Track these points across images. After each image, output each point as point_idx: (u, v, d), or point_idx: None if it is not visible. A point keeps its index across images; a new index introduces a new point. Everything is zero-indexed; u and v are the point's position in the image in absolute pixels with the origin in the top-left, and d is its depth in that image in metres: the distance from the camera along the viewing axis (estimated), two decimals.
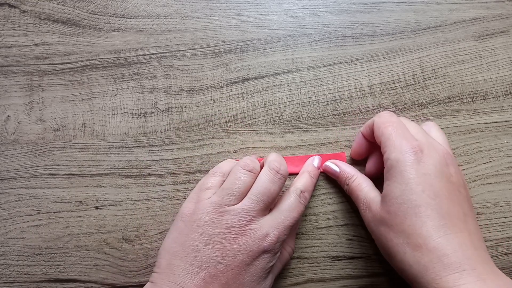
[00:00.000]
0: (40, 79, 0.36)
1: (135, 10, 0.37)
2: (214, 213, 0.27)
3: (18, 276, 0.33)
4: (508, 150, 0.34)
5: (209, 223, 0.26)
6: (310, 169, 0.32)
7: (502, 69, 0.36)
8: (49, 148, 0.35)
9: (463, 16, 0.36)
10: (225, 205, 0.27)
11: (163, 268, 0.26)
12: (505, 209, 0.33)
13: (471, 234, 0.25)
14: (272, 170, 0.28)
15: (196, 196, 0.28)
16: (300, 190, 0.30)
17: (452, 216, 0.25)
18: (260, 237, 0.26)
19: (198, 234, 0.26)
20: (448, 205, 0.25)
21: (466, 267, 0.23)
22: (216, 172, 0.30)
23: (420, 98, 0.35)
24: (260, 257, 0.26)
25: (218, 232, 0.26)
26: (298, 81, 0.36)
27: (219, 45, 0.36)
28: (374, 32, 0.36)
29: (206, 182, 0.29)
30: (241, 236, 0.26)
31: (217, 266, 0.25)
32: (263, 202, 0.27)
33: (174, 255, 0.26)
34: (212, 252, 0.26)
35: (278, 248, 0.28)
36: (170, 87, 0.36)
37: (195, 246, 0.26)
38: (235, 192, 0.27)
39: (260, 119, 0.35)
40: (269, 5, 0.37)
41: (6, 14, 0.37)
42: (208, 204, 0.27)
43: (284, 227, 0.28)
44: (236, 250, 0.26)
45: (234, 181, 0.28)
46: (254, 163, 0.29)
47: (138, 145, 0.35)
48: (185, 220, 0.27)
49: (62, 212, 0.34)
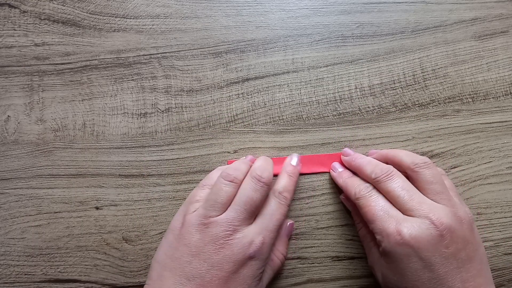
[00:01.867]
0: (40, 79, 0.36)
1: (135, 10, 0.37)
2: (200, 225, 0.27)
3: (18, 276, 0.33)
4: (508, 150, 0.34)
5: (196, 235, 0.27)
6: (288, 169, 0.32)
7: (502, 69, 0.36)
8: (49, 149, 0.35)
9: (463, 16, 0.36)
10: (209, 217, 0.27)
11: (154, 279, 0.27)
12: (505, 209, 0.33)
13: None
14: (254, 179, 0.28)
15: (185, 209, 0.29)
16: (278, 192, 0.30)
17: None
18: (245, 245, 0.27)
19: (185, 246, 0.27)
20: (446, 278, 0.25)
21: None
22: (205, 185, 0.30)
23: (420, 98, 0.35)
24: (247, 265, 0.27)
25: (204, 244, 0.27)
26: (298, 81, 0.36)
27: (219, 45, 0.36)
28: (374, 32, 0.36)
29: (195, 195, 0.30)
30: (226, 246, 0.26)
31: (204, 276, 0.26)
32: (247, 211, 0.28)
33: (164, 267, 0.27)
34: (199, 263, 0.26)
35: (266, 254, 0.28)
36: (170, 87, 0.36)
37: (182, 258, 0.27)
38: (218, 203, 0.28)
39: (260, 119, 0.35)
40: (269, 5, 0.37)
41: (6, 14, 0.37)
42: (195, 216, 0.28)
43: (269, 231, 0.28)
44: (222, 260, 0.26)
45: (217, 192, 0.28)
46: (236, 172, 0.29)
47: (138, 145, 0.35)
48: (175, 233, 0.28)
49: (62, 213, 0.34)
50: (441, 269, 0.25)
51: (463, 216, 0.26)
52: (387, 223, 0.26)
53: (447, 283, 0.24)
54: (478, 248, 0.27)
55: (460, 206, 0.27)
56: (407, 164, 0.29)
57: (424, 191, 0.28)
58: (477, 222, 0.33)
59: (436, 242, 0.25)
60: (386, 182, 0.28)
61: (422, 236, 0.25)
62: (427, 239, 0.25)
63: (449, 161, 0.34)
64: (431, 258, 0.25)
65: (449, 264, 0.25)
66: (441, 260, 0.25)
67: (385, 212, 0.27)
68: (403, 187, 0.27)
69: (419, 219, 0.25)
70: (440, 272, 0.25)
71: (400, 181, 0.28)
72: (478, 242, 0.27)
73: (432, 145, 0.34)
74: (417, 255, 0.25)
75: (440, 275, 0.25)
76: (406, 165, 0.29)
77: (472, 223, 0.27)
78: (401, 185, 0.27)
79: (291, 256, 0.33)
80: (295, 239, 0.33)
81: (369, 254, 0.30)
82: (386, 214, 0.26)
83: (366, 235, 0.30)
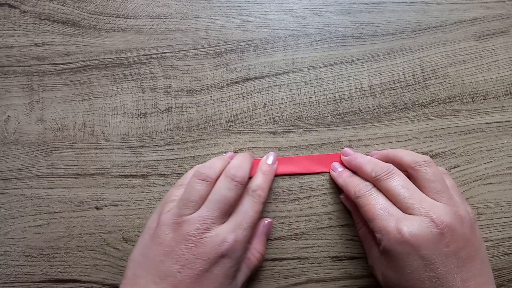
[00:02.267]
0: (40, 79, 0.36)
1: (135, 10, 0.37)
2: (173, 224, 0.27)
3: (18, 276, 0.33)
4: (508, 150, 0.34)
5: (169, 234, 0.27)
6: (263, 168, 0.32)
7: (502, 69, 0.36)
8: (49, 149, 0.35)
9: (463, 16, 0.36)
10: (182, 215, 0.27)
11: (128, 278, 0.27)
12: (505, 209, 0.33)
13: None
14: (228, 178, 0.29)
15: (160, 209, 0.29)
16: (252, 190, 0.30)
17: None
18: (217, 243, 0.27)
19: (159, 245, 0.27)
20: (447, 278, 0.25)
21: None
22: (180, 185, 0.30)
23: (420, 98, 0.35)
24: (219, 263, 0.27)
25: (176, 242, 0.27)
26: (298, 81, 0.36)
27: (219, 45, 0.36)
28: (374, 32, 0.36)
29: (171, 194, 0.30)
30: (198, 244, 0.27)
31: (177, 275, 0.26)
32: (220, 209, 0.28)
33: (139, 266, 0.27)
34: (171, 262, 0.26)
35: (239, 252, 0.28)
36: (170, 87, 0.36)
37: (156, 257, 0.27)
38: (191, 202, 0.28)
39: (260, 119, 0.35)
40: (269, 5, 0.37)
41: (6, 14, 0.37)
42: (169, 216, 0.28)
43: (242, 229, 0.28)
44: (194, 258, 0.26)
45: (189, 191, 0.28)
46: (209, 171, 0.29)
47: (138, 145, 0.35)
48: (150, 233, 0.28)
49: (62, 213, 0.34)
50: (441, 268, 0.25)
51: (464, 215, 0.26)
52: (387, 221, 0.26)
53: (447, 282, 0.24)
54: (479, 247, 0.26)
55: (461, 205, 0.27)
56: (407, 162, 0.29)
57: (424, 190, 0.28)
58: (477, 222, 0.33)
59: (436, 240, 0.25)
60: (386, 181, 0.28)
61: (422, 234, 0.25)
62: (427, 237, 0.25)
63: (449, 161, 0.34)
64: (431, 256, 0.25)
65: (449, 263, 0.25)
66: (441, 259, 0.25)
67: (385, 211, 0.27)
68: (403, 186, 0.27)
69: (419, 218, 0.25)
70: (441, 271, 0.25)
71: (400, 180, 0.28)
72: (480, 242, 0.27)
73: (432, 145, 0.34)
74: (417, 254, 0.25)
75: (441, 274, 0.24)
76: (406, 163, 0.29)
77: (474, 222, 0.27)
78: (401, 183, 0.27)
79: (291, 256, 0.33)
80: (295, 239, 0.33)
81: (369, 253, 0.30)
82: (386, 213, 0.26)
83: (366, 235, 0.30)
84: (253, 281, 0.33)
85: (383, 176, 0.28)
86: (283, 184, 0.34)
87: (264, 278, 0.33)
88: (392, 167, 0.28)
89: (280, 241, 0.33)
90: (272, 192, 0.34)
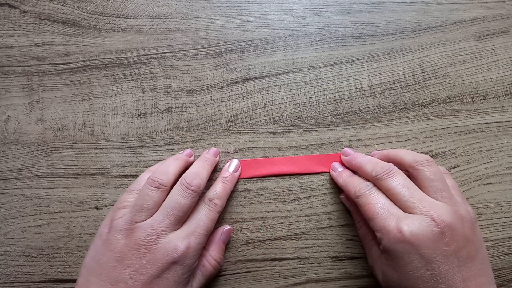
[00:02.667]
0: (40, 79, 0.36)
1: (135, 10, 0.37)
2: (126, 230, 0.27)
3: (18, 276, 0.33)
4: (508, 150, 0.34)
5: (122, 240, 0.27)
6: (223, 176, 0.32)
7: (502, 69, 0.36)
8: (49, 149, 0.35)
9: (463, 16, 0.36)
10: (135, 222, 0.27)
11: (80, 285, 0.27)
12: (505, 209, 0.33)
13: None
14: (183, 186, 0.29)
15: (113, 215, 0.29)
16: (208, 198, 0.30)
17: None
18: (168, 250, 0.27)
19: (111, 251, 0.27)
20: (447, 277, 0.25)
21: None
22: (133, 190, 0.30)
23: (420, 98, 0.35)
24: (170, 269, 0.27)
25: (128, 249, 0.27)
26: (298, 81, 0.36)
27: (219, 45, 0.36)
28: (374, 32, 0.36)
29: (123, 200, 0.30)
30: (149, 250, 0.27)
31: (128, 281, 0.26)
32: (173, 216, 0.28)
33: (91, 272, 0.27)
34: (122, 268, 0.26)
35: (191, 259, 0.28)
36: (170, 88, 0.36)
37: (108, 263, 0.27)
38: (144, 208, 0.28)
39: (260, 119, 0.35)
40: (269, 5, 0.37)
41: (6, 14, 0.37)
42: (121, 222, 0.28)
43: (195, 236, 0.28)
44: (145, 265, 0.26)
45: (142, 197, 0.28)
46: (162, 177, 0.29)
47: (138, 145, 0.35)
48: (102, 239, 0.28)
49: (62, 213, 0.34)
50: (442, 267, 0.25)
51: (464, 215, 0.26)
52: (388, 220, 0.26)
53: (447, 282, 0.24)
54: (480, 247, 0.26)
55: (462, 204, 0.27)
56: (408, 162, 0.29)
57: (425, 189, 0.27)
58: (477, 222, 0.33)
59: (436, 239, 0.25)
60: (387, 180, 0.28)
61: (423, 233, 0.25)
62: (427, 236, 0.25)
63: (449, 161, 0.34)
64: (432, 255, 0.25)
65: (449, 262, 0.25)
66: (441, 258, 0.25)
67: (386, 210, 0.27)
68: (404, 185, 0.27)
69: (419, 217, 0.25)
70: (441, 270, 0.24)
71: (400, 179, 0.28)
72: (480, 242, 0.27)
73: (432, 145, 0.34)
74: (417, 253, 0.25)
75: (441, 273, 0.24)
76: (407, 163, 0.29)
77: (474, 222, 0.27)
78: (402, 182, 0.27)
79: (291, 256, 0.33)
80: (295, 239, 0.33)
81: (369, 253, 0.30)
82: (386, 212, 0.26)
83: (366, 234, 0.30)
84: (253, 281, 0.33)
85: (383, 175, 0.28)
86: (283, 184, 0.34)
87: (264, 278, 0.33)
88: (392, 167, 0.28)
89: (280, 241, 0.33)
90: (272, 192, 0.34)
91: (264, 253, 0.33)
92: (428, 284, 0.25)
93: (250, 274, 0.33)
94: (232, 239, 0.33)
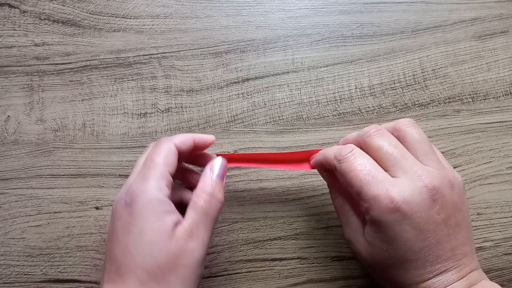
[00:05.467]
0: (40, 79, 0.36)
1: (135, 10, 0.37)
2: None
3: (18, 276, 0.33)
4: (508, 150, 0.34)
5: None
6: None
7: (502, 69, 0.36)
8: (49, 149, 0.35)
9: (464, 16, 0.36)
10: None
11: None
12: (505, 209, 0.33)
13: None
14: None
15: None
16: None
17: (444, 259, 0.24)
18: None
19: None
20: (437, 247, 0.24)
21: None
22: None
23: (420, 98, 0.35)
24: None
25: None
26: (298, 81, 0.36)
27: (219, 45, 0.36)
28: (374, 32, 0.36)
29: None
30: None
31: None
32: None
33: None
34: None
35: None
36: (170, 87, 0.36)
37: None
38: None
39: (260, 119, 0.35)
40: (269, 5, 0.37)
41: (6, 14, 0.37)
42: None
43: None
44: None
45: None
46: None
47: (138, 145, 0.35)
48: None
49: (62, 213, 0.34)
50: (433, 237, 0.23)
51: (453, 181, 0.25)
52: (377, 189, 0.24)
53: (437, 251, 0.24)
54: (467, 214, 0.25)
55: (450, 169, 0.26)
56: (393, 125, 0.27)
57: (413, 152, 0.26)
58: (477, 222, 0.33)
59: (428, 207, 0.23)
60: (375, 137, 0.26)
61: (415, 201, 0.23)
62: (420, 204, 0.23)
63: (449, 161, 0.34)
64: (424, 225, 0.23)
65: (440, 231, 0.24)
66: (433, 227, 0.23)
67: (373, 177, 0.24)
68: (394, 145, 0.25)
69: (410, 182, 0.24)
70: (432, 240, 0.23)
71: (391, 139, 0.26)
72: (467, 209, 0.26)
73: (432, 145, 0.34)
74: (409, 223, 0.23)
75: (432, 243, 0.23)
76: (392, 126, 0.27)
77: (462, 188, 0.26)
78: (392, 142, 0.25)
79: (291, 256, 0.33)
80: (295, 239, 0.33)
81: (346, 225, 0.28)
82: (374, 179, 0.24)
83: (342, 205, 0.28)
84: (253, 281, 0.33)
85: (373, 132, 0.26)
86: (283, 184, 0.34)
87: (264, 278, 0.33)
88: (382, 127, 0.26)
89: (280, 241, 0.33)
90: (272, 192, 0.34)
91: (264, 253, 0.33)
92: (418, 255, 0.24)
93: (250, 274, 0.33)
94: (232, 239, 0.33)
